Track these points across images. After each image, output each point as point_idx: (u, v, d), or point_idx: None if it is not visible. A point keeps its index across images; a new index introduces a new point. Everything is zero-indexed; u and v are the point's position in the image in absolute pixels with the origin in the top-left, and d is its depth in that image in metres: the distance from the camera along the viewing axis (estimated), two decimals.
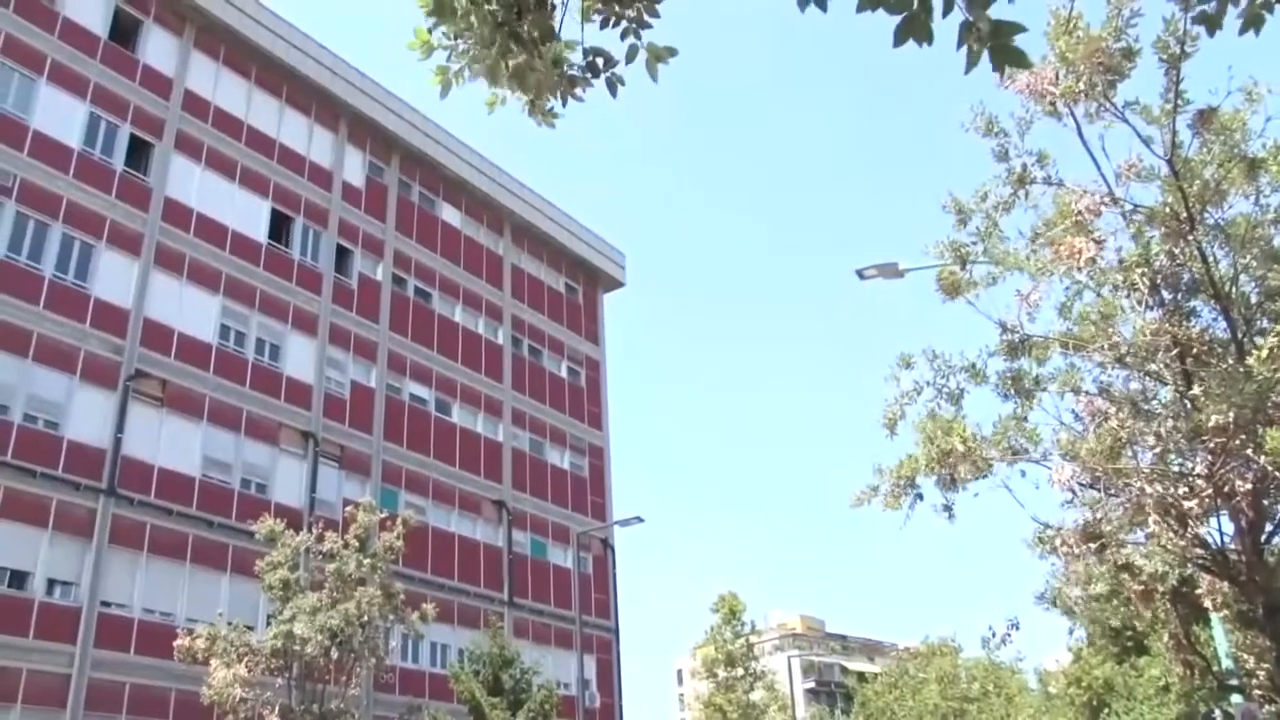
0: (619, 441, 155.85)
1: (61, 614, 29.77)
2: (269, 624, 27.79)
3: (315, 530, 27.94)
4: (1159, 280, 14.52)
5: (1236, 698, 18.26)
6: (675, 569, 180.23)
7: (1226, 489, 13.38)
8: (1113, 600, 20.73)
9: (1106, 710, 39.99)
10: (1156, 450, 14.07)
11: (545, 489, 47.33)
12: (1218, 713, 24.44)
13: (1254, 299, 14.66)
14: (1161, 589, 15.26)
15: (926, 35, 4.23)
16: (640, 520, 36.35)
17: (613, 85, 5.36)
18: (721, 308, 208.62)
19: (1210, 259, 14.09)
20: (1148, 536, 14.37)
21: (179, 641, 25.85)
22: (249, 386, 36.72)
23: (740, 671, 45.95)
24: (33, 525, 29.83)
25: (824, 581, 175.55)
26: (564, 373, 51.24)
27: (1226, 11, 5.19)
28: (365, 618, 26.20)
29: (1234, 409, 12.37)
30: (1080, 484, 15.13)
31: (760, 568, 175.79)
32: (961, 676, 49.87)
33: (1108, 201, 14.31)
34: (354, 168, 43.67)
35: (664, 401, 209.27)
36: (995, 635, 44.54)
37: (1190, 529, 13.91)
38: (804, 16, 5.17)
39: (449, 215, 47.78)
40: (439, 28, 5.29)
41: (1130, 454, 14.44)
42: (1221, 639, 18.22)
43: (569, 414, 50.36)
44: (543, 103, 5.54)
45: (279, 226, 39.87)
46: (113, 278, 33.76)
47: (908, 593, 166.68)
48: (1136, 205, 14.44)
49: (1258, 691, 17.80)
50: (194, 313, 35.77)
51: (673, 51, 5.22)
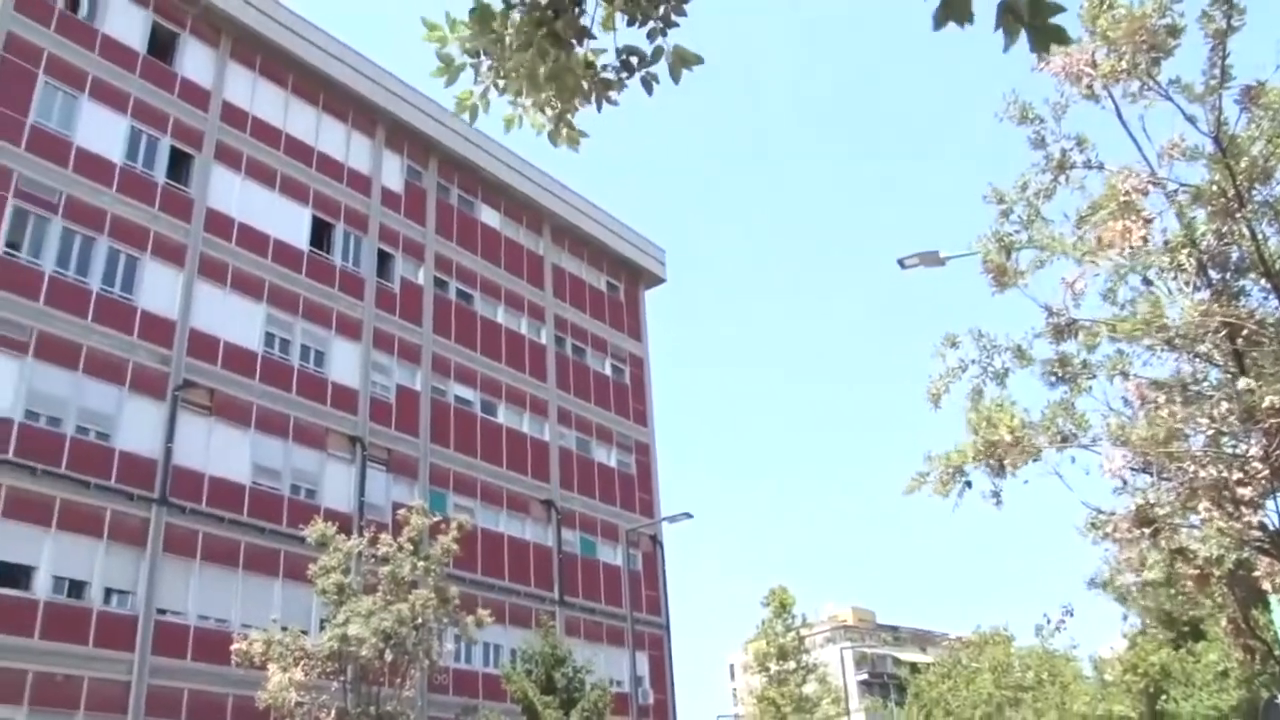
0: (664, 438, 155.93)
1: (119, 622, 30.18)
2: (323, 628, 28.03)
3: (367, 534, 28.19)
4: (1206, 260, 14.29)
5: None
6: (725, 564, 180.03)
7: None
8: (1168, 586, 20.46)
9: (1164, 697, 39.55)
10: (1209, 433, 13.86)
11: (593, 487, 47.38)
12: None
13: None
14: (1218, 573, 15.03)
15: (967, 15, 4.21)
16: (689, 516, 36.34)
17: (648, 84, 5.32)
18: (763, 298, 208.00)
19: (1259, 237, 13.85)
20: (1202, 521, 14.15)
21: (235, 646, 26.16)
22: (295, 393, 37.01)
23: (792, 665, 45.76)
24: (88, 536, 30.28)
25: (874, 572, 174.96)
26: (608, 370, 51.27)
27: None
28: (419, 620, 26.36)
29: None
30: (1132, 469, 14.96)
31: (810, 560, 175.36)
32: (1015, 665, 49.48)
33: (1152, 182, 14.11)
34: (392, 173, 43.90)
35: (709, 396, 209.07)
36: (1050, 623, 44.28)
37: (1246, 513, 13.69)
38: (836, 3, 5.08)
39: (488, 217, 47.93)
40: (457, 41, 5.25)
41: (1182, 438, 14.23)
42: None
43: (614, 411, 50.39)
44: (570, 116, 5.50)
45: (320, 233, 40.16)
46: (158, 289, 34.14)
47: (957, 582, 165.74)
48: (1181, 184, 14.21)
49: None
50: (239, 321, 36.10)
51: (699, 59, 5.17)
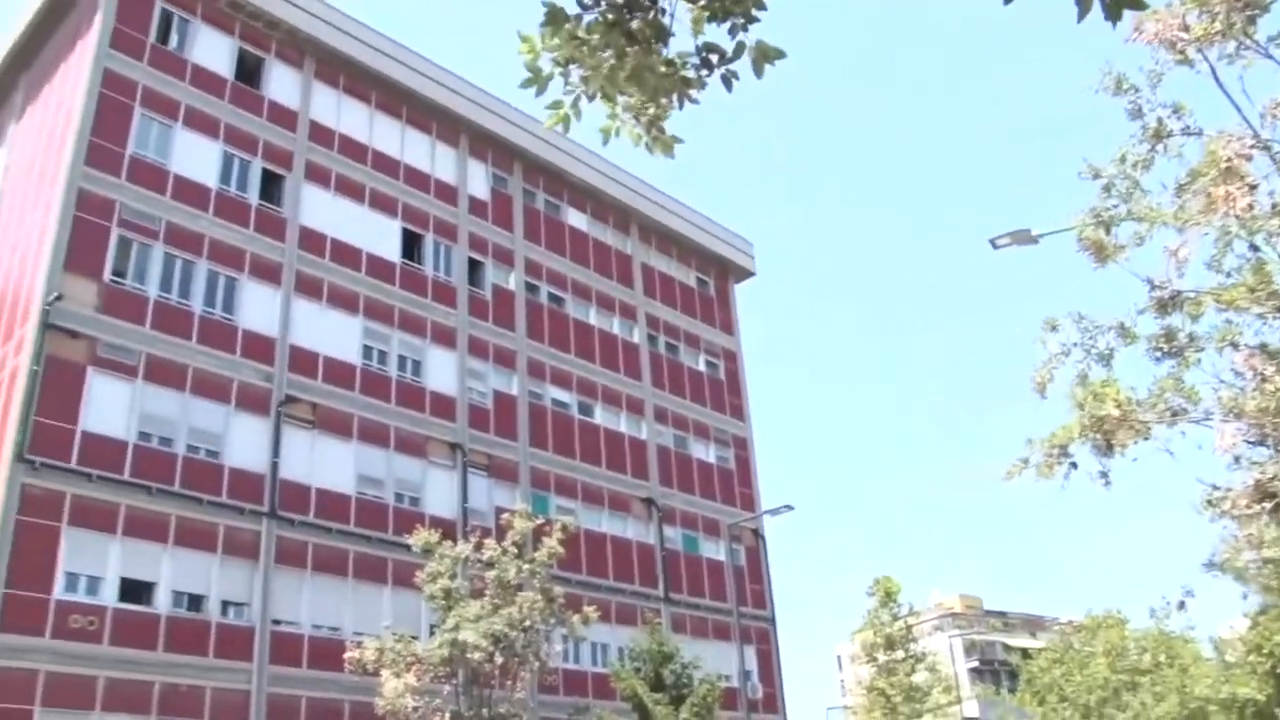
0: (762, 431, 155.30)
1: (236, 633, 30.97)
2: (433, 633, 28.46)
3: (472, 539, 28.53)
4: None
5: None
6: (829, 555, 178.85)
7: None
8: None
9: None
10: None
11: (693, 483, 47.36)
12: None
13: None
14: None
15: None
16: (790, 508, 36.09)
17: (728, 80, 5.31)
18: (856, 284, 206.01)
19: None
20: None
21: (349, 654, 26.67)
22: (395, 403, 37.57)
23: (900, 654, 45.11)
24: (204, 550, 31.12)
25: (979, 559, 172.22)
26: (702, 366, 51.19)
27: None
28: (527, 622, 26.58)
29: None
30: (1248, 442, 14.50)
31: (914, 548, 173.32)
32: (1130, 648, 48.24)
33: (1256, 145, 13.65)
34: (478, 181, 44.37)
35: (805, 386, 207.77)
36: (1169, 604, 43.12)
37: None
38: None
39: (575, 219, 48.19)
40: (548, 54, 5.28)
41: None
42: None
43: (710, 407, 50.30)
44: (662, 118, 5.49)
45: (411, 244, 40.74)
46: (258, 308, 34.96)
47: (1065, 566, 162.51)
48: None
49: None
50: (337, 335, 36.78)
51: (780, 53, 5.14)
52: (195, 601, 30.70)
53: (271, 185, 37.15)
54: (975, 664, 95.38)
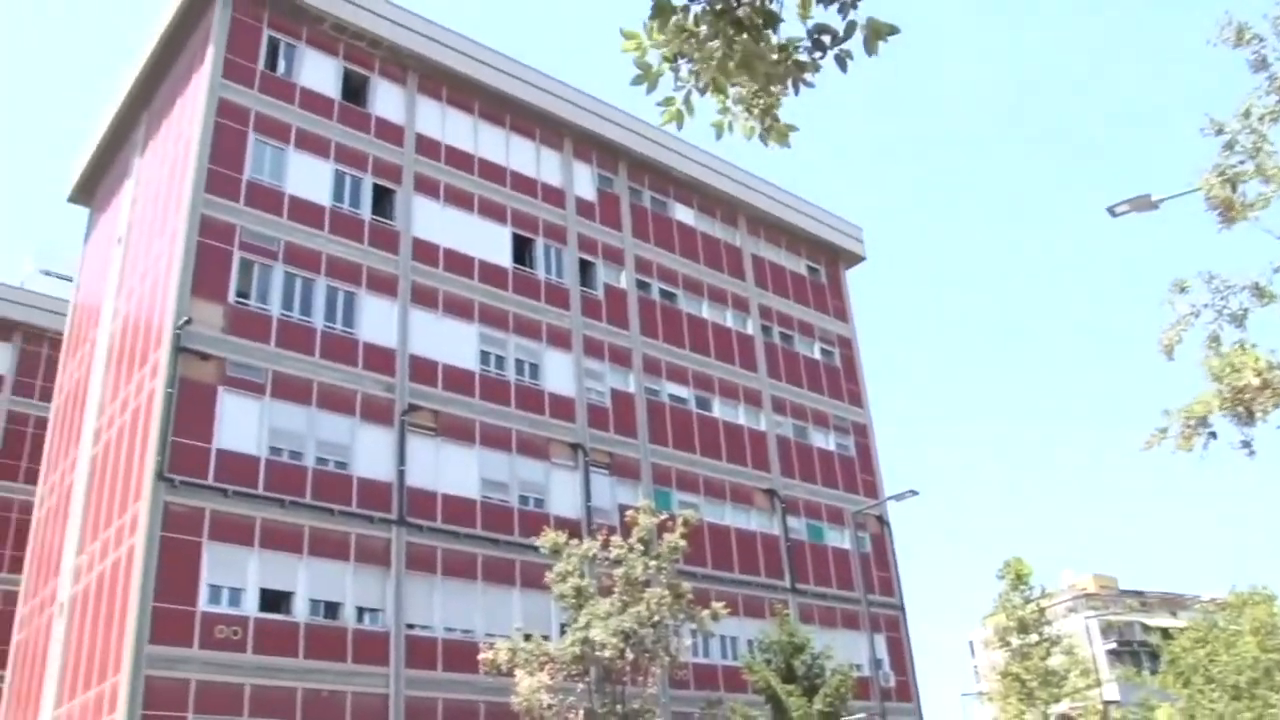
0: (882, 417, 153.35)
1: (372, 639, 31.71)
2: (563, 632, 28.73)
3: (598, 537, 28.73)
4: None
5: None
6: (956, 539, 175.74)
7: None
8: None
9: None
10: None
11: (814, 472, 47.02)
12: None
13: None
14: None
15: None
16: (914, 493, 35.50)
17: (842, 61, 5.25)
18: (971, 261, 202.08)
19: None
20: None
21: (483, 655, 26.99)
22: (515, 407, 38.05)
23: (1034, 638, 43.89)
24: (337, 559, 31.95)
25: (1113, 537, 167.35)
26: (817, 354, 50.79)
27: None
28: (656, 618, 26.64)
29: None
30: None
31: (1044, 528, 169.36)
32: None
33: None
34: (584, 182, 44.70)
35: (924, 369, 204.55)
36: None
37: None
38: None
39: (683, 215, 48.22)
40: (656, 49, 5.27)
41: None
42: None
43: (828, 395, 49.87)
44: (775, 106, 5.44)
45: (521, 249, 41.23)
46: (376, 321, 35.74)
47: (1204, 542, 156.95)
48: None
49: None
50: (454, 343, 37.40)
51: (893, 29, 5.09)
52: (331, 609, 31.53)
53: (383, 200, 37.99)
54: (1113, 645, 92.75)
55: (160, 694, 27.43)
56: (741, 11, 5.09)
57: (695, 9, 5.16)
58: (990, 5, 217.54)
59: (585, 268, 43.03)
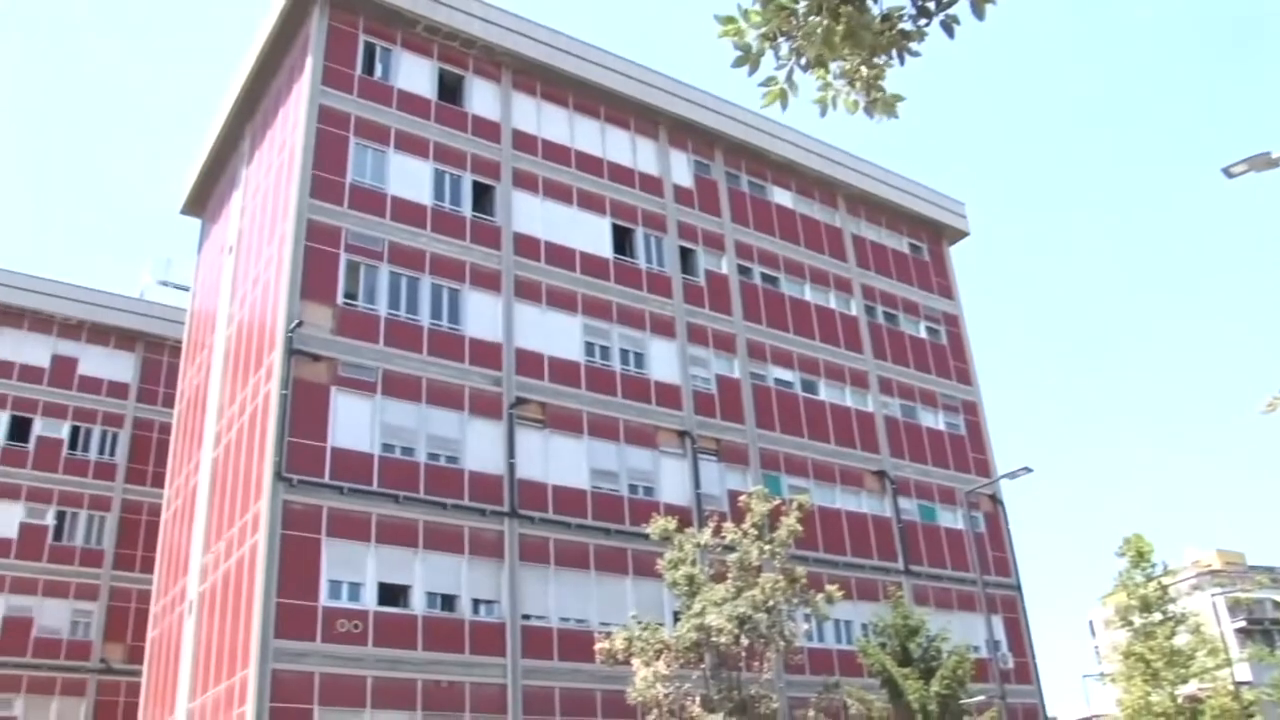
0: (992, 393, 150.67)
1: (489, 630, 32.17)
2: (677, 619, 28.79)
3: (710, 524, 28.74)
4: None
5: None
6: (1073, 516, 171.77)
7: None
8: None
9: None
10: None
11: (924, 452, 46.38)
12: None
13: None
14: None
15: None
16: (1028, 471, 34.79)
17: (948, 26, 5.16)
18: (1080, 230, 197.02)
19: None
20: None
21: (599, 645, 27.21)
22: (621, 396, 38.22)
23: (1158, 616, 42.52)
24: (452, 553, 32.46)
25: (1237, 511, 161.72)
26: (923, 333, 50.07)
27: None
28: (770, 603, 26.54)
29: None
30: None
31: (1163, 503, 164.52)
32: None
33: None
34: (681, 169, 44.66)
35: (1034, 343, 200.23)
36: None
37: None
38: None
39: (781, 198, 47.91)
40: (754, 30, 5.20)
41: None
42: None
43: (935, 374, 49.14)
44: (880, 77, 5.35)
45: (622, 239, 41.37)
46: (481, 316, 36.20)
47: None
48: None
49: None
50: (559, 335, 37.70)
51: None
52: (448, 601, 32.06)
53: (483, 196, 38.45)
54: (1242, 624, 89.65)
55: (287, 686, 28.23)
56: None
57: None
58: None
59: (686, 255, 43.00)
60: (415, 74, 38.64)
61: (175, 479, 44.37)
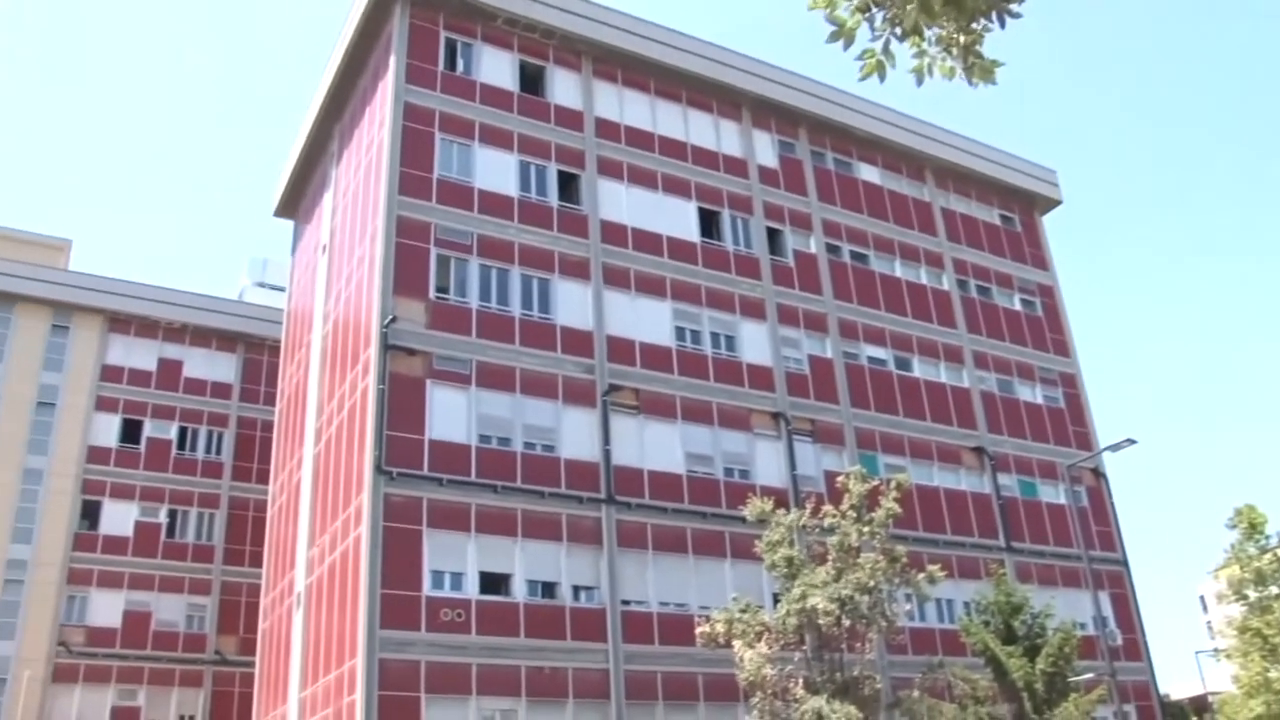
0: (1092, 365, 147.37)
1: (589, 616, 32.42)
2: (776, 601, 28.72)
3: (807, 505, 28.60)
4: None
5: None
6: (1180, 488, 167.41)
7: None
8: None
9: None
10: None
11: (1023, 427, 45.58)
12: None
13: None
14: None
15: None
16: (1132, 442, 33.96)
17: None
18: (1177, 191, 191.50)
19: None
20: None
21: (700, 628, 27.25)
22: (713, 380, 38.17)
23: (1275, 590, 41.10)
24: (551, 540, 32.77)
25: None
26: (1018, 305, 49.19)
27: None
28: (871, 584, 26.36)
29: None
30: None
31: (1274, 471, 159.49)
32: None
33: None
34: (765, 150, 44.40)
35: (1134, 312, 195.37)
36: None
37: None
38: None
39: (868, 174, 47.39)
40: (846, 2, 5.14)
41: None
42: None
43: (1032, 346, 48.24)
44: (978, 42, 5.26)
45: (708, 222, 41.28)
46: (571, 305, 36.42)
47: None
48: None
49: None
50: (649, 321, 37.77)
51: None
52: (548, 589, 32.37)
53: (568, 186, 38.65)
54: None
55: (393, 675, 28.78)
56: None
57: None
58: None
59: (773, 236, 42.76)
60: (497, 67, 38.95)
61: (279, 475, 45.41)
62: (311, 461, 39.13)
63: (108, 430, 53.87)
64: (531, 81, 39.75)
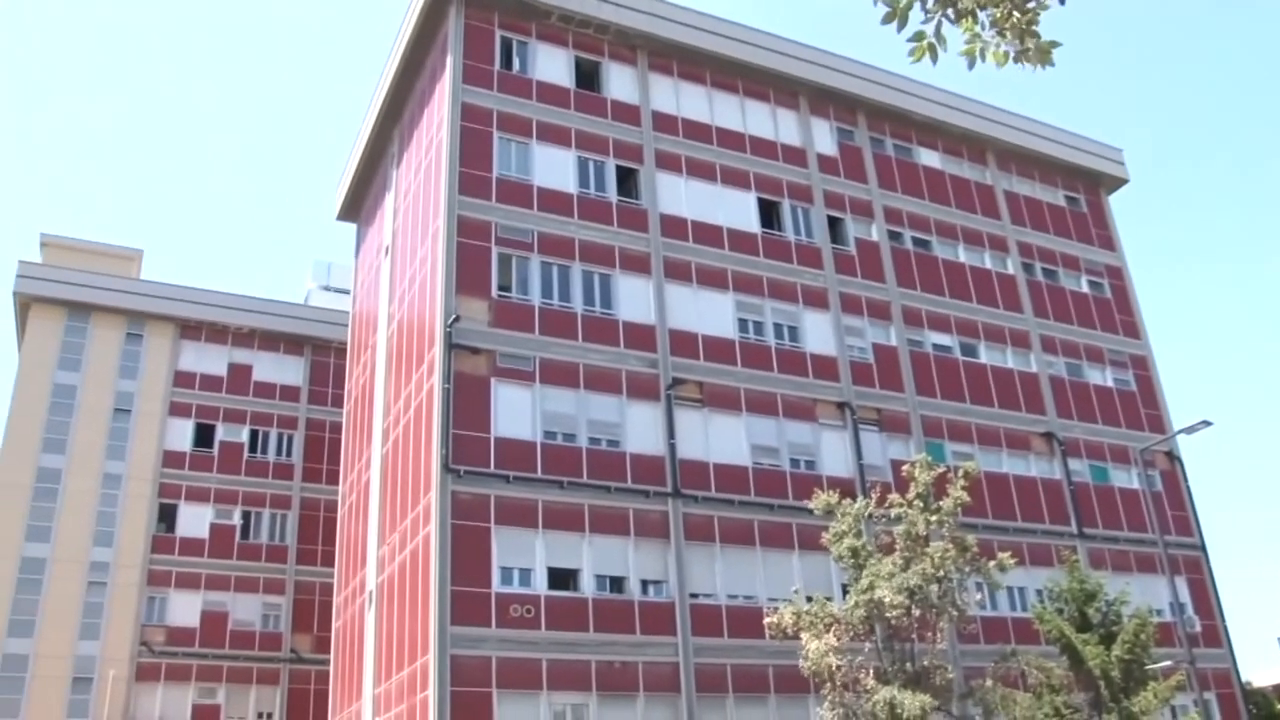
0: (1165, 347, 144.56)
1: (658, 610, 32.46)
2: (845, 592, 28.56)
3: (873, 495, 28.39)
4: None
5: None
6: (1262, 470, 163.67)
7: None
8: None
9: None
10: None
11: (1093, 411, 44.85)
12: None
13: None
14: None
15: None
16: (1207, 424, 33.23)
17: None
18: (1247, 162, 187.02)
19: None
20: None
21: (769, 620, 27.13)
22: (777, 371, 38.00)
23: None
24: (618, 535, 32.84)
25: None
26: (1085, 287, 48.39)
27: None
28: (940, 573, 26.11)
29: None
30: None
31: None
32: None
33: None
34: (823, 138, 44.09)
35: (1209, 290, 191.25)
36: None
37: None
38: None
39: (928, 159, 46.89)
40: None
41: None
42: None
43: (1100, 329, 47.44)
44: (1034, 21, 5.16)
45: (768, 213, 41.09)
46: (633, 299, 36.44)
47: None
48: None
49: None
50: (711, 314, 37.69)
51: None
52: (616, 583, 32.46)
53: (627, 180, 38.68)
54: None
55: (465, 671, 29.04)
56: None
57: None
58: None
59: (834, 224, 42.46)
60: (552, 64, 39.06)
61: (348, 475, 45.96)
62: (380, 461, 39.57)
63: (182, 435, 55.00)
64: (587, 77, 39.82)
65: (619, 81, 40.13)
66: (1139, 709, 27.87)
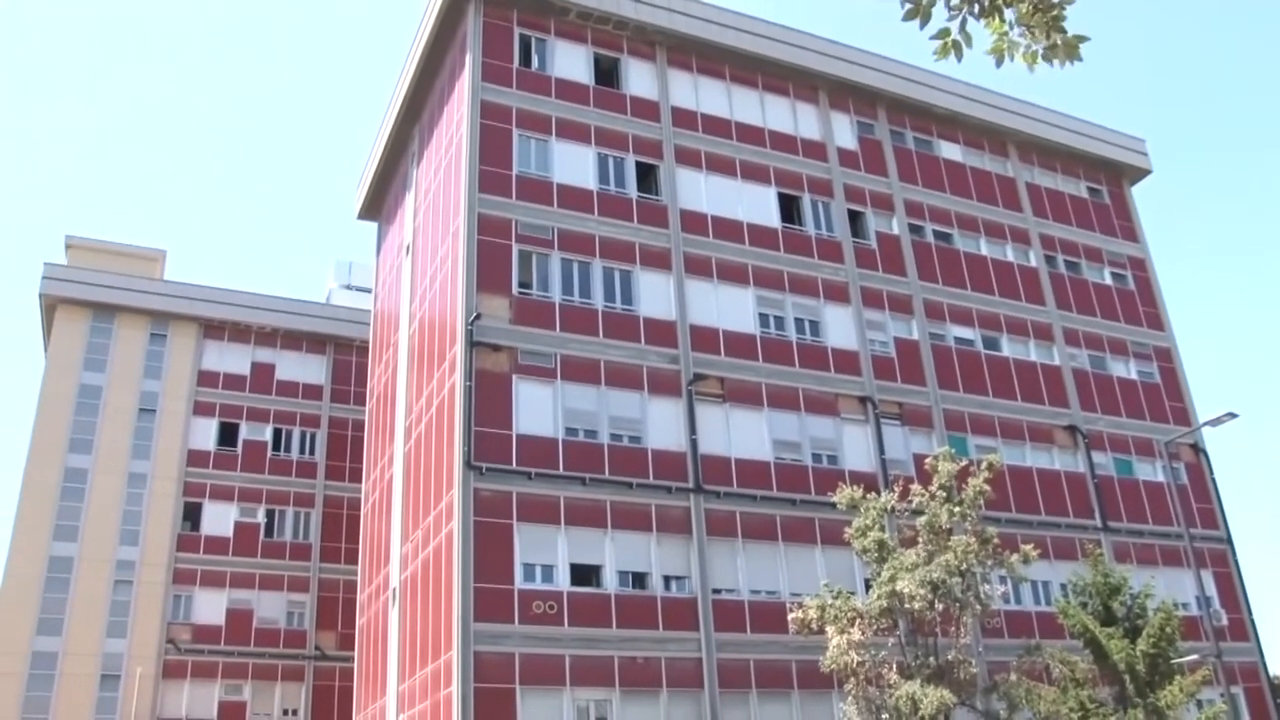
0: (1189, 338, 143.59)
1: (680, 605, 32.46)
2: (868, 587, 28.47)
3: (895, 489, 28.32)
4: None
5: None
6: None
7: None
8: None
9: None
10: None
11: (1116, 404, 44.59)
12: None
13: None
14: None
15: None
16: (1233, 416, 32.97)
17: None
18: (1273, 152, 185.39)
19: None
20: None
21: (792, 615, 27.11)
22: (799, 365, 37.94)
23: None
24: (640, 531, 32.87)
25: None
26: (1108, 280, 48.10)
27: None
28: (964, 566, 26.02)
29: None
30: None
31: None
32: None
33: None
34: (843, 132, 43.96)
35: (1234, 281, 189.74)
36: None
37: None
38: None
39: (949, 152, 46.69)
40: None
41: None
42: None
43: (1124, 321, 47.15)
44: (1061, 16, 5.11)
45: (788, 208, 41.02)
46: (653, 295, 36.44)
47: None
48: None
49: None
50: (732, 309, 37.65)
51: None
52: (638, 579, 32.48)
53: (647, 176, 38.67)
54: None
55: (488, 667, 29.13)
56: None
57: None
58: None
59: (855, 218, 42.34)
60: (571, 61, 39.08)
61: (371, 473, 46.14)
62: (402, 459, 39.71)
63: (206, 434, 55.36)
64: (606, 74, 39.84)
65: (638, 77, 40.13)
66: (1165, 703, 27.66)
